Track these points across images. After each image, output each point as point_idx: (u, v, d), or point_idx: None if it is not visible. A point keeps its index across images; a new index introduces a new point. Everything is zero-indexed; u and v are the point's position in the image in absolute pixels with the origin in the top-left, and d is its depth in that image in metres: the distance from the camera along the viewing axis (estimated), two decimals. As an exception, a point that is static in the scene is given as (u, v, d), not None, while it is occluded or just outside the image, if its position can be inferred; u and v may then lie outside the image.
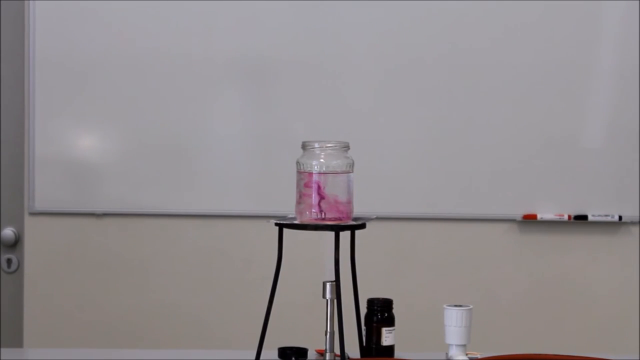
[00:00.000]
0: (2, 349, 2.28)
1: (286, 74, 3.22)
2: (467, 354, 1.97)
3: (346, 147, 1.89)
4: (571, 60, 3.24)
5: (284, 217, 1.92)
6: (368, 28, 3.22)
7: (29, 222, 3.26)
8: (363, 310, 2.00)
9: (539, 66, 3.23)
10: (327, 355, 1.87)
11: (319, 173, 1.86)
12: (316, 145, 1.88)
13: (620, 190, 3.26)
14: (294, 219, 1.89)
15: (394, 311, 2.03)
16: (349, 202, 1.87)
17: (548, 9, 3.21)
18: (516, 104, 3.24)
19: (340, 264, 1.81)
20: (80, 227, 3.25)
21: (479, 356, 2.02)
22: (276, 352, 2.04)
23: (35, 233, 3.26)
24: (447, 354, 1.98)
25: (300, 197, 1.87)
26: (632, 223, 3.29)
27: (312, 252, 2.66)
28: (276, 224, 1.89)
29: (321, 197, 1.85)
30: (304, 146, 1.89)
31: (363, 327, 2.00)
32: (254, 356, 1.90)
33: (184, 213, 3.25)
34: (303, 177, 1.87)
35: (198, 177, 3.24)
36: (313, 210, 1.85)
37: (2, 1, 3.30)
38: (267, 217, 1.96)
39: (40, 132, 3.21)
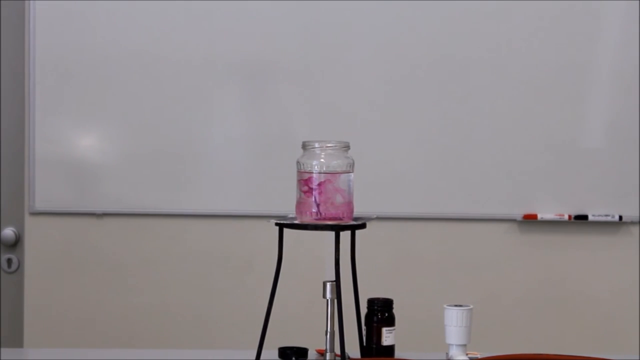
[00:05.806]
0: (2, 349, 2.28)
1: (286, 74, 3.22)
2: (467, 354, 1.97)
3: (346, 147, 1.89)
4: (571, 61, 3.24)
5: (284, 217, 1.92)
6: (368, 29, 3.22)
7: (29, 222, 3.26)
8: (363, 310, 2.00)
9: (539, 66, 3.23)
10: (328, 355, 1.87)
11: (319, 173, 1.86)
12: (316, 145, 1.88)
13: (620, 190, 3.26)
14: (294, 219, 1.89)
15: (394, 311, 2.03)
16: (349, 202, 1.87)
17: (548, 9, 3.21)
18: (516, 104, 3.24)
19: (341, 264, 1.81)
20: (80, 227, 3.25)
21: (479, 356, 2.02)
22: (276, 352, 2.04)
23: (35, 233, 3.26)
24: (447, 354, 1.98)
25: (301, 197, 1.87)
26: (632, 223, 3.28)
27: (312, 252, 2.67)
28: (276, 224, 1.89)
29: (321, 197, 1.85)
30: (304, 146, 1.89)
31: (363, 327, 2.00)
32: (254, 356, 1.90)
33: (184, 213, 3.25)
34: (303, 177, 1.87)
35: (198, 177, 3.24)
36: (313, 210, 1.85)
37: (2, 1, 3.30)
38: (267, 217, 1.96)
39: (40, 132, 3.21)
